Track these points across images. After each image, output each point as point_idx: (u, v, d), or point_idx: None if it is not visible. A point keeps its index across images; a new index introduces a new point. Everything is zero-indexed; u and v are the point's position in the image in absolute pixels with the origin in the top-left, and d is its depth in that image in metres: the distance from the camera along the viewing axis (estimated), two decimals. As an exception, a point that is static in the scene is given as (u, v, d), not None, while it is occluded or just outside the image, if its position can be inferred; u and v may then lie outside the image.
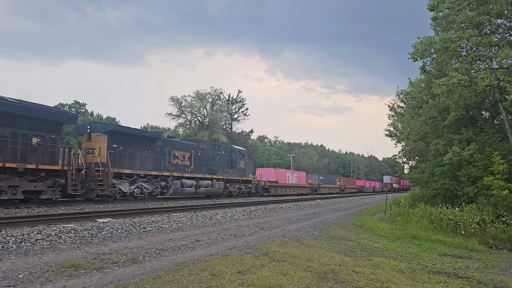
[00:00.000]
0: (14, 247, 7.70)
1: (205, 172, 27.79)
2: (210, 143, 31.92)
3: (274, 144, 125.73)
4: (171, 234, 10.60)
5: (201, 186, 26.91)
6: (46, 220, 10.97)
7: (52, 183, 17.11)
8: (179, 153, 25.72)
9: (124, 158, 21.15)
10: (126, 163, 21.08)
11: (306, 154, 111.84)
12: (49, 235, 8.82)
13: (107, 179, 19.32)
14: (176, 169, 24.93)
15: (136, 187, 21.58)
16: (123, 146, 21.20)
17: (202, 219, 14.00)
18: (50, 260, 6.80)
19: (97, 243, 8.65)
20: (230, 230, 11.75)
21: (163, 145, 24.37)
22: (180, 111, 64.41)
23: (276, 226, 13.63)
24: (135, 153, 21.94)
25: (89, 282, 5.59)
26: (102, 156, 19.86)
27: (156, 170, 23.12)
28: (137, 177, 21.57)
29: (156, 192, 23.22)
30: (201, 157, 27.86)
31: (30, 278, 5.60)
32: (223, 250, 8.45)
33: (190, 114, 65.34)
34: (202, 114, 66.05)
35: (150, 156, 22.99)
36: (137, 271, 6.34)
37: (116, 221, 11.89)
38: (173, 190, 24.04)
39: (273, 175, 42.00)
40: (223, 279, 5.92)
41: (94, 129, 20.69)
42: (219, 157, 30.12)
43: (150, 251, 8.02)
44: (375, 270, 7.23)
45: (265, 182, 38.81)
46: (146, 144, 22.98)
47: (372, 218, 18.07)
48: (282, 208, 21.79)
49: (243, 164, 33.55)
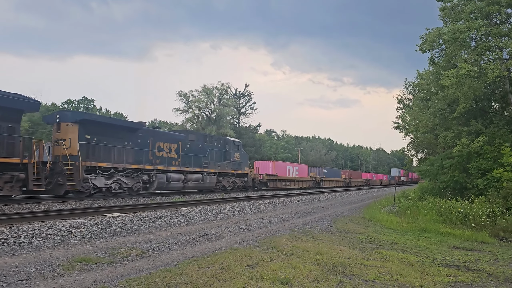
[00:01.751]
0: (26, 242, 7.79)
1: (195, 165, 26.00)
2: (201, 134, 29.80)
3: (282, 138, 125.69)
4: (180, 228, 10.66)
5: (190, 181, 25.22)
6: (56, 215, 11.09)
7: (9, 178, 15.25)
8: (165, 145, 23.91)
9: (99, 150, 19.38)
10: (101, 156, 19.36)
11: (314, 148, 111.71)
12: (60, 230, 8.92)
13: (77, 174, 17.50)
14: (161, 162, 23.24)
15: (114, 182, 19.88)
16: (98, 137, 19.41)
17: (210, 213, 14.06)
18: (61, 254, 6.87)
19: (107, 238, 8.73)
20: (238, 224, 11.78)
21: (145, 136, 22.56)
22: (187, 106, 64.56)
23: (285, 219, 13.65)
24: (112, 144, 20.12)
25: (99, 276, 5.64)
26: (72, 148, 18.07)
27: (137, 163, 21.37)
28: (114, 171, 19.84)
29: (138, 187, 21.46)
30: (190, 149, 26.11)
31: (42, 273, 5.67)
32: (232, 244, 8.48)
33: (197, 109, 65.51)
34: (210, 108, 66.18)
35: (130, 148, 21.23)
36: (147, 265, 6.38)
37: (126, 215, 11.99)
38: (158, 185, 22.40)
39: (272, 168, 40.21)
40: (232, 273, 5.95)
41: (63, 118, 18.77)
42: (211, 149, 28.25)
43: (160, 245, 8.07)
44: (384, 263, 7.22)
45: (262, 175, 36.95)
46: (125, 135, 21.17)
47: (380, 211, 18.02)
48: (290, 201, 21.80)
49: (237, 156, 31.71)
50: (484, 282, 6.33)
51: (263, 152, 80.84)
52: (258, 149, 76.03)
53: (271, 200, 21.78)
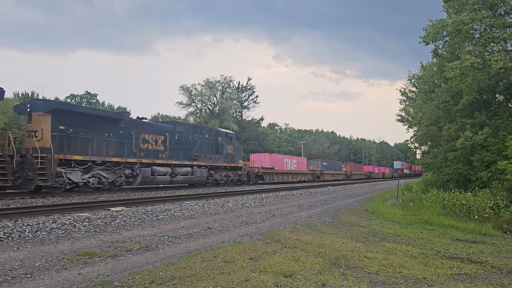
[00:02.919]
0: (30, 236, 7.84)
1: (184, 158, 24.58)
2: (190, 125, 27.81)
3: (285, 131, 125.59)
4: (184, 222, 10.70)
5: (178, 174, 23.82)
6: (60, 210, 11.15)
7: None
8: (150, 137, 22.44)
9: (75, 142, 17.99)
10: (77, 148, 18.01)
11: (317, 141, 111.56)
12: (64, 224, 8.97)
13: (50, 167, 16.26)
14: (146, 155, 21.88)
15: (92, 176, 18.61)
16: (74, 128, 18.04)
17: (214, 207, 14.10)
18: (65, 248, 6.92)
19: (111, 232, 8.78)
20: (241, 217, 11.81)
21: (128, 127, 21.13)
22: (190, 99, 64.49)
23: (288, 213, 13.67)
24: (91, 136, 18.70)
25: (103, 269, 5.68)
26: (44, 140, 16.80)
27: (119, 156, 20.01)
28: (93, 165, 18.56)
29: (120, 181, 20.25)
30: (179, 141, 24.63)
31: (46, 266, 5.71)
32: (235, 237, 8.51)
33: (200, 103, 65.44)
34: (212, 102, 66.10)
35: (111, 140, 19.83)
36: (151, 259, 6.41)
37: (129, 209, 12.03)
38: (142, 179, 21.09)
39: (268, 161, 38.94)
40: (235, 266, 5.97)
41: (35, 108, 17.47)
42: (202, 141, 26.77)
43: (163, 238, 8.11)
44: (387, 255, 7.22)
45: (258, 168, 35.63)
46: (105, 126, 19.78)
47: (384, 204, 18.01)
48: (293, 195, 21.83)
49: (231, 149, 30.01)
50: (488, 274, 6.33)
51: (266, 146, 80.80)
52: (261, 142, 75.99)
53: (274, 193, 21.81)
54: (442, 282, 5.71)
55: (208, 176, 26.97)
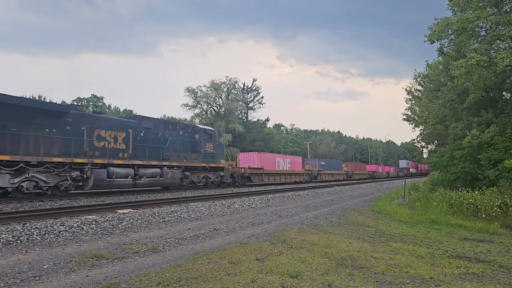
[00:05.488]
0: (39, 239, 7.92)
1: (151, 157, 21.60)
2: (160, 120, 24.28)
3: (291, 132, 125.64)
4: (190, 223, 10.74)
5: (144, 176, 20.90)
6: (68, 212, 11.24)
7: None
8: (108, 133, 19.47)
9: (3, 140, 15.08)
10: (6, 146, 15.10)
11: (323, 141, 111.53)
12: (71, 227, 9.04)
13: None
14: (102, 154, 18.83)
15: (26, 180, 15.69)
16: (1, 122, 15.23)
17: (220, 208, 14.13)
18: (73, 251, 6.97)
19: (118, 234, 8.83)
20: (248, 219, 11.83)
21: (78, 122, 18.04)
22: (195, 101, 64.84)
23: (294, 213, 13.67)
24: (24, 132, 15.76)
25: (111, 271, 5.72)
26: None
27: (64, 156, 17.00)
28: (26, 166, 15.57)
29: (66, 185, 17.14)
30: (145, 138, 21.61)
31: (55, 269, 5.77)
32: (241, 238, 8.53)
33: (206, 104, 65.76)
34: (218, 104, 66.39)
35: (53, 137, 16.84)
36: (158, 260, 6.45)
37: (136, 211, 12.10)
38: (95, 182, 18.02)
39: (257, 161, 35.75)
40: (242, 267, 5.99)
41: None
42: (174, 138, 23.62)
43: (170, 240, 8.14)
44: (394, 255, 7.21)
45: (244, 169, 32.32)
46: (46, 120, 16.79)
47: (390, 203, 17.96)
48: (299, 195, 21.82)
49: (210, 147, 26.60)
50: (495, 274, 6.30)
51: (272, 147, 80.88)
52: (267, 143, 76.11)
53: (280, 194, 21.81)
54: (449, 281, 5.69)
55: (182, 178, 24.11)
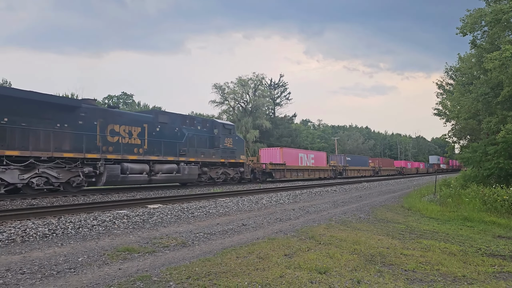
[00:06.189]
0: (73, 232, 8.18)
1: (167, 153, 21.22)
2: (177, 115, 23.59)
3: (318, 127, 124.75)
4: (218, 218, 10.85)
5: (159, 172, 20.46)
6: (101, 207, 11.56)
7: None
8: (122, 128, 19.15)
9: (12, 134, 14.92)
10: (15, 142, 14.93)
11: (351, 137, 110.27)
12: (104, 221, 9.30)
13: None
14: (115, 150, 18.56)
15: (36, 176, 15.52)
16: (11, 116, 14.99)
17: (248, 204, 14.21)
18: (106, 244, 7.18)
19: (149, 228, 9.02)
20: (275, 214, 11.86)
21: (91, 116, 17.77)
22: (223, 98, 65.33)
23: (322, 209, 13.60)
24: (35, 127, 15.56)
25: (142, 265, 5.86)
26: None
27: (76, 151, 16.78)
28: (36, 162, 15.41)
29: (78, 181, 16.93)
30: (161, 133, 21.27)
31: (89, 261, 5.96)
32: (269, 234, 8.56)
33: (233, 101, 66.19)
34: (245, 100, 66.68)
35: (65, 132, 16.61)
36: (187, 255, 6.56)
37: (166, 207, 12.32)
38: (108, 178, 17.80)
39: (279, 156, 34.82)
40: (270, 262, 6.02)
41: None
42: (191, 133, 23.12)
43: (199, 235, 8.26)
44: (424, 252, 7.08)
45: (266, 165, 31.42)
46: (57, 114, 16.48)
47: (421, 200, 17.59)
48: (327, 191, 21.68)
49: (229, 142, 25.96)
50: (532, 272, 6.09)
51: (300, 142, 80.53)
52: (294, 139, 75.83)
53: (308, 190, 21.73)
54: (483, 280, 5.55)
55: (200, 174, 23.52)
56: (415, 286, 5.17)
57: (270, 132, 67.07)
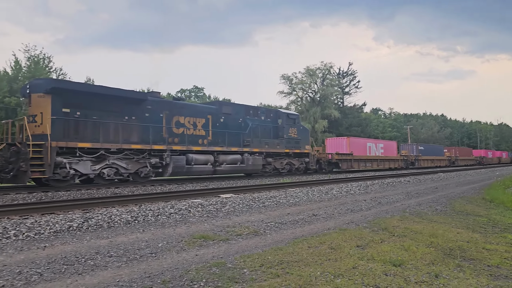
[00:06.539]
0: (153, 219, 8.71)
1: (231, 144, 21.48)
2: (241, 106, 23.82)
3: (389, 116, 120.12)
4: (289, 208, 10.94)
5: (224, 163, 20.87)
6: (177, 196, 12.16)
7: None
8: (187, 120, 19.65)
9: (84, 128, 15.67)
10: (87, 134, 15.68)
11: (425, 125, 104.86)
12: (180, 209, 9.78)
13: (47, 157, 14.09)
14: (181, 141, 19.06)
15: (107, 167, 16.25)
16: (83, 110, 15.68)
17: (318, 194, 14.16)
18: (182, 231, 7.56)
19: (222, 217, 9.34)
20: (346, 205, 11.70)
21: (157, 109, 18.45)
22: (291, 88, 65.31)
23: (395, 200, 13.19)
24: (105, 120, 16.27)
25: (217, 251, 6.10)
26: (44, 125, 14.56)
27: (143, 143, 17.45)
28: (106, 153, 16.09)
29: (145, 172, 17.61)
30: (225, 124, 21.54)
31: (168, 247, 6.31)
32: (340, 224, 8.49)
33: (301, 91, 65.91)
34: (313, 90, 66.12)
35: (132, 124, 17.31)
36: (259, 243, 6.72)
37: (237, 196, 12.65)
38: (174, 169, 18.33)
39: (345, 146, 34.11)
40: (342, 253, 5.98)
41: (34, 89, 15.26)
42: (255, 124, 23.27)
43: (270, 224, 8.40)
44: (510, 247, 6.64)
45: (332, 155, 30.98)
46: (125, 107, 17.19)
47: (505, 192, 16.43)
48: (400, 182, 20.93)
49: (294, 132, 25.86)
50: None
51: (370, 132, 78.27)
52: (364, 128, 73.86)
53: (379, 180, 21.14)
54: None
55: (264, 164, 23.66)
56: (500, 283, 4.87)
57: (339, 122, 65.93)
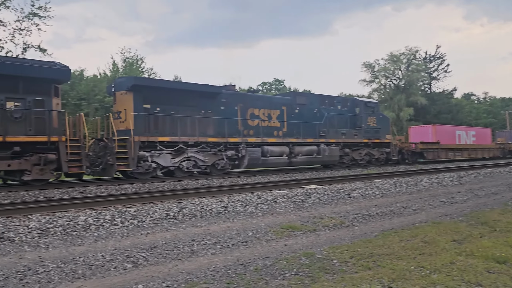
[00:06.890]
0: (241, 209, 9.04)
1: (306, 134, 21.11)
2: (316, 96, 23.61)
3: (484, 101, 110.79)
4: (376, 200, 10.67)
5: (299, 154, 20.55)
6: (262, 187, 12.46)
7: (37, 160, 12.81)
8: (262, 112, 19.74)
9: (163, 122, 16.51)
10: (166, 129, 16.46)
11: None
12: (266, 200, 10.01)
13: (130, 151, 15.02)
14: (256, 133, 19.17)
15: (185, 160, 16.87)
16: (162, 106, 16.50)
17: (406, 186, 13.60)
18: (270, 221, 7.74)
19: (307, 208, 9.39)
20: (438, 197, 11.10)
21: (231, 101, 18.69)
22: (373, 76, 63.02)
23: (494, 193, 12.22)
24: (182, 114, 16.86)
25: (305, 242, 6.16)
26: (128, 121, 15.58)
27: (219, 136, 17.80)
28: (184, 147, 16.71)
29: (222, 164, 17.95)
30: (300, 115, 21.29)
31: (257, 236, 6.52)
32: (433, 217, 8.09)
33: (384, 78, 63.31)
34: (397, 76, 63.14)
35: (208, 118, 17.79)
36: (347, 235, 6.66)
37: (322, 187, 12.60)
38: (250, 161, 18.51)
39: (431, 134, 31.80)
40: (437, 247, 5.71)
41: (118, 87, 16.26)
42: (331, 113, 22.74)
43: (357, 216, 8.28)
44: None
45: (415, 144, 28.61)
46: (200, 101, 17.64)
47: None
48: (499, 172, 19.31)
49: (373, 121, 24.87)
50: None
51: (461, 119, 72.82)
52: (455, 115, 68.92)
53: (474, 171, 19.70)
54: None
55: (342, 155, 23.02)
56: None
57: (426, 109, 62.18)
